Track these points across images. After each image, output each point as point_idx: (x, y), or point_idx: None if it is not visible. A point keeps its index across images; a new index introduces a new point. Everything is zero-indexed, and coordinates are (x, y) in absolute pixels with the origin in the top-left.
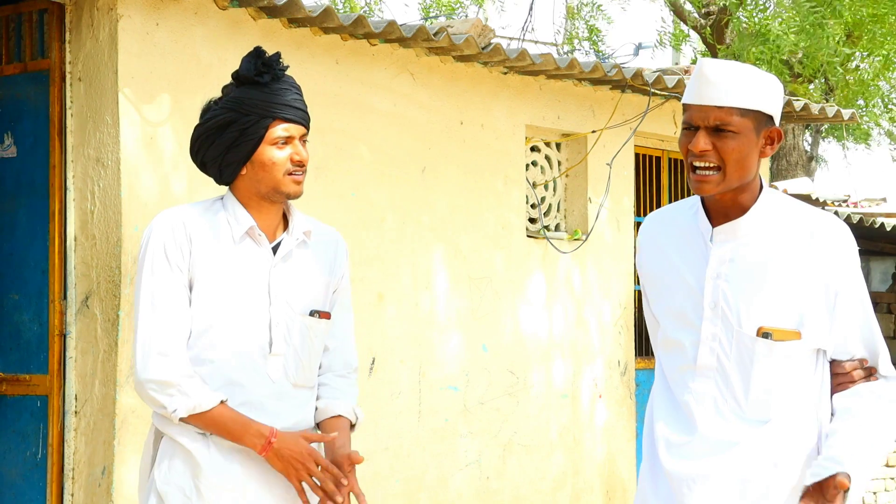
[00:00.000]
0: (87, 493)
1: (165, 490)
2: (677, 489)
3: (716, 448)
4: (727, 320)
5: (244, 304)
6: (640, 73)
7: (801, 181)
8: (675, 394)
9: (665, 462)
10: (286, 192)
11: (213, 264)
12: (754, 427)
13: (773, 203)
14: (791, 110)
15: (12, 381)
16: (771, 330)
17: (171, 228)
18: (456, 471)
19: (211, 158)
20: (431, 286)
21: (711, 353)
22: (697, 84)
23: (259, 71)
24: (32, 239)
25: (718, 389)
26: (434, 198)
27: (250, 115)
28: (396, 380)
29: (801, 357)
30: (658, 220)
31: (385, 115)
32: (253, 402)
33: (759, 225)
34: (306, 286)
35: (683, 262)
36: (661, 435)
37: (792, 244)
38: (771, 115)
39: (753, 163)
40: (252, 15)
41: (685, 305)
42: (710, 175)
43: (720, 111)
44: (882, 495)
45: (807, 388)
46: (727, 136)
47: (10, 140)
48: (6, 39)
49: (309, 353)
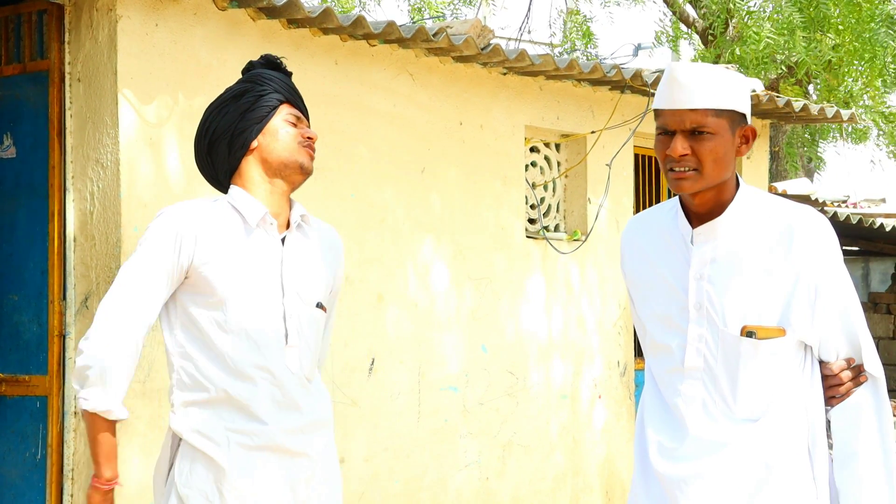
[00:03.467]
0: (86, 493)
1: (187, 493)
2: (670, 491)
3: (706, 449)
4: (712, 321)
5: (258, 296)
6: (640, 74)
7: (801, 182)
8: (665, 397)
9: (656, 465)
10: (300, 161)
11: (223, 258)
12: (744, 426)
13: (751, 200)
14: (791, 111)
15: (12, 381)
16: (755, 328)
17: (176, 226)
18: (455, 471)
19: (222, 130)
20: (431, 287)
21: (698, 355)
22: (669, 89)
23: (273, 58)
24: (32, 239)
25: (707, 390)
26: (433, 198)
27: (265, 86)
28: (396, 380)
29: (786, 354)
30: (639, 225)
31: (384, 115)
32: (275, 397)
33: (737, 223)
34: (312, 278)
35: (666, 265)
36: (651, 438)
37: (771, 240)
38: (744, 114)
39: (730, 162)
40: (251, 16)
41: (670, 308)
42: (688, 173)
43: (695, 114)
44: None
45: (795, 385)
46: (704, 137)
47: (9, 141)
48: (5, 40)
49: (315, 345)
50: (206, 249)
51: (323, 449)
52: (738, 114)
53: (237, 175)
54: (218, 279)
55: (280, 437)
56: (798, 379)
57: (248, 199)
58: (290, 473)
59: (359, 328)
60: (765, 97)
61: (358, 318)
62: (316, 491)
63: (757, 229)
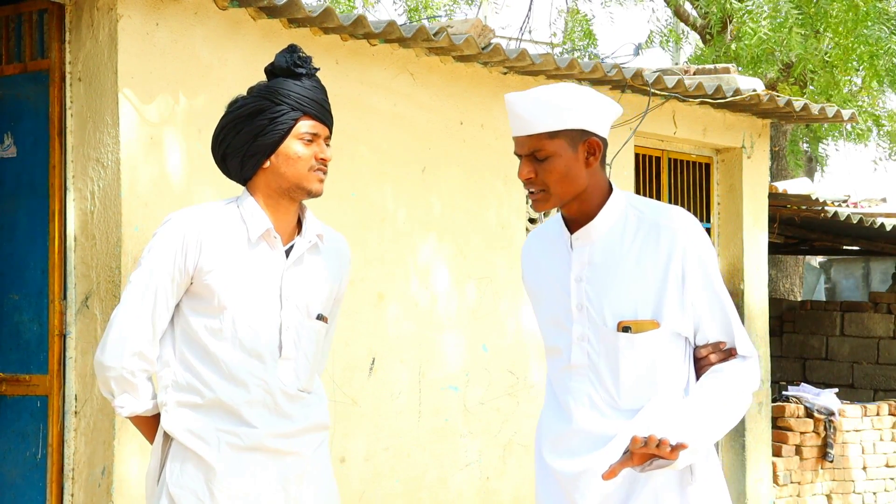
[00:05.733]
0: (87, 493)
1: (178, 493)
2: (564, 486)
3: (595, 443)
4: (593, 319)
5: (256, 307)
6: (640, 73)
7: (801, 181)
8: (558, 395)
9: (550, 461)
10: (308, 188)
11: (225, 267)
12: (628, 417)
13: (622, 204)
14: (791, 110)
15: (12, 381)
16: (630, 323)
17: (182, 233)
18: (456, 471)
19: (235, 148)
20: (431, 286)
21: (583, 352)
22: (510, 118)
23: (295, 63)
24: (32, 239)
25: (593, 386)
26: (434, 197)
27: (281, 105)
28: (396, 380)
29: (663, 345)
30: (534, 236)
31: (385, 115)
32: (267, 403)
33: (610, 226)
34: (315, 290)
35: (552, 270)
36: (546, 436)
37: (641, 238)
38: (583, 129)
39: (578, 176)
40: (252, 15)
41: (557, 311)
42: (537, 194)
43: (530, 139)
44: (882, 496)
45: (676, 374)
46: (544, 160)
47: (10, 140)
48: (6, 39)
49: (314, 357)
50: (209, 258)
51: (315, 449)
52: (577, 131)
53: (250, 183)
54: (219, 288)
55: (269, 441)
56: (679, 369)
57: (256, 210)
58: (281, 472)
59: (359, 327)
60: (765, 97)
61: (358, 318)
62: (308, 489)
63: (628, 230)
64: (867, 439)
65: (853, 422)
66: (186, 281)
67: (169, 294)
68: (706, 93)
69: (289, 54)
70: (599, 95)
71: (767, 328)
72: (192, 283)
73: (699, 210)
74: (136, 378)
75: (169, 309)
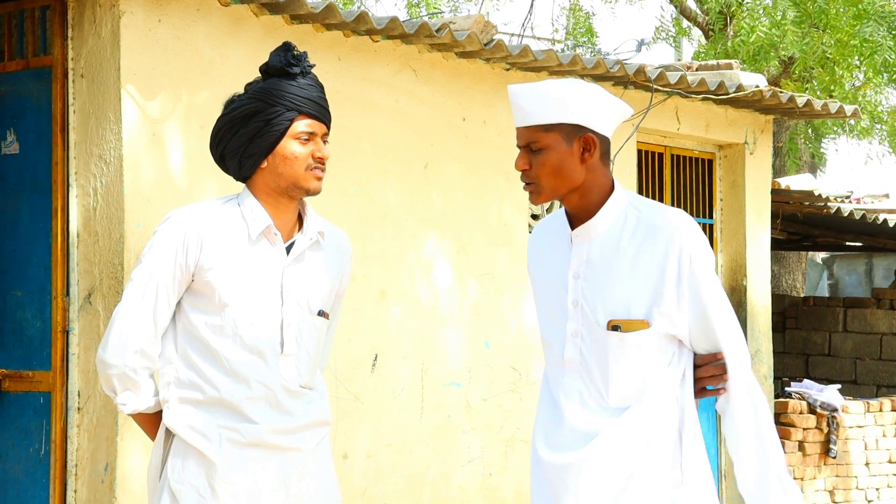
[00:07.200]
0: (90, 489)
1: (179, 489)
2: (553, 479)
3: (583, 438)
4: (586, 317)
5: (257, 303)
6: (643, 70)
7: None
8: (552, 390)
9: (542, 454)
10: (306, 187)
11: (226, 264)
12: (616, 416)
13: (623, 203)
14: (794, 106)
15: (15, 377)
16: (620, 322)
17: (182, 230)
18: (458, 467)
19: (232, 149)
20: (434, 282)
21: (575, 349)
22: (513, 109)
23: (289, 62)
24: (35, 235)
25: (584, 383)
26: (436, 194)
27: (276, 107)
28: (399, 376)
29: (653, 346)
30: (541, 228)
31: (387, 111)
32: (269, 399)
33: (609, 224)
34: (316, 287)
35: (553, 264)
36: (539, 429)
37: (638, 239)
38: (579, 125)
39: (572, 171)
40: (254, 11)
41: (555, 305)
42: (530, 186)
43: (527, 131)
44: (884, 491)
45: (665, 375)
46: (539, 152)
47: (12, 137)
48: (8, 36)
49: (315, 353)
50: (210, 255)
51: (316, 445)
52: (573, 126)
53: (250, 181)
54: (220, 285)
55: (270, 437)
56: (668, 370)
57: (256, 207)
58: (281, 468)
59: (362, 324)
60: (768, 93)
61: (361, 314)
62: (308, 485)
63: (627, 230)
64: (870, 435)
65: (856, 418)
66: (187, 278)
67: (170, 291)
68: (709, 89)
69: (283, 53)
70: (606, 95)
71: (770, 324)
72: (194, 281)
73: (702, 206)
74: (138, 375)
75: (170, 306)
